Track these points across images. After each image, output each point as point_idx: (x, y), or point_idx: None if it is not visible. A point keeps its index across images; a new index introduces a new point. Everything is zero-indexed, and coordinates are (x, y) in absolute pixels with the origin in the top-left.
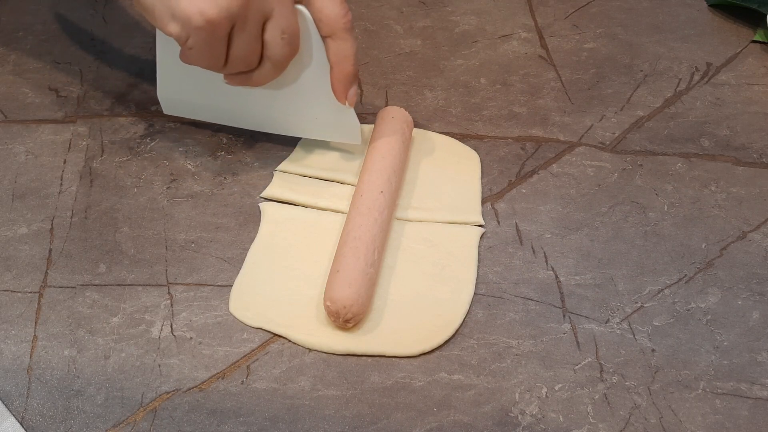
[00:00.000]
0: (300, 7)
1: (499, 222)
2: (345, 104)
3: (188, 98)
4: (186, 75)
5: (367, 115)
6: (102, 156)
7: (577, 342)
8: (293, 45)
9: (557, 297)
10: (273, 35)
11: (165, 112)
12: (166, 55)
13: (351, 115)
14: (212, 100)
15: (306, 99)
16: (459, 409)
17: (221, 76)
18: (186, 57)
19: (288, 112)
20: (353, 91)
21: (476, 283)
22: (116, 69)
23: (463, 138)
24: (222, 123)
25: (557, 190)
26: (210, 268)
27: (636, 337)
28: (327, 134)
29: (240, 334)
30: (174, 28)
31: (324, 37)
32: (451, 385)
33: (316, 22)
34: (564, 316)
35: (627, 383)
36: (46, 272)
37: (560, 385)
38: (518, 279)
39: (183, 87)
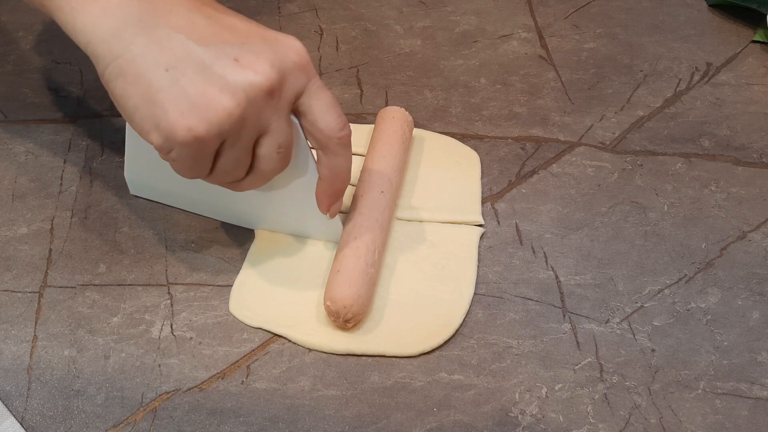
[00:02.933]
0: (293, 117)
1: (499, 222)
2: (326, 216)
3: (157, 185)
4: (156, 160)
5: (367, 115)
6: (102, 156)
7: (577, 342)
8: (287, 159)
9: (557, 297)
10: (268, 150)
11: (132, 192)
12: (136, 136)
13: (334, 221)
14: (183, 191)
15: (287, 201)
16: (459, 409)
17: None
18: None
19: (266, 211)
20: (338, 205)
21: (476, 283)
22: None
23: (463, 138)
24: (194, 212)
25: (557, 190)
26: (210, 268)
27: (636, 337)
28: (306, 233)
29: (240, 334)
30: (156, 138)
31: (317, 149)
32: (451, 385)
33: (310, 133)
34: (564, 316)
35: (627, 383)
36: (46, 272)
37: (560, 385)
38: (518, 279)
39: (152, 172)
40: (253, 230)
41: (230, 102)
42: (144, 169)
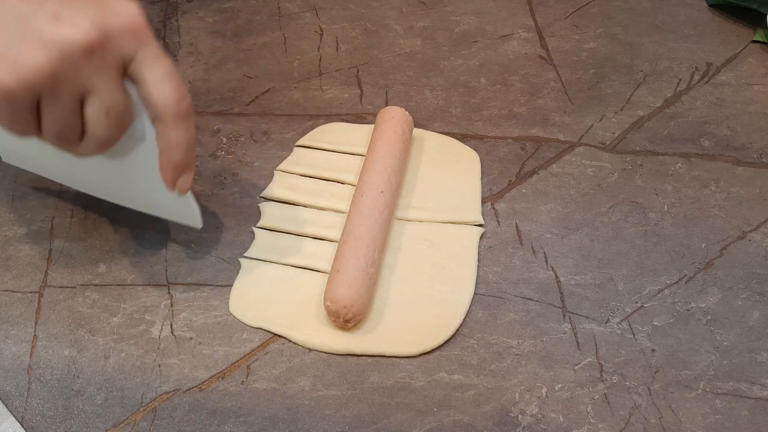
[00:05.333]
0: (129, 83)
1: (499, 222)
2: (174, 192)
3: (22, 150)
4: None
5: (367, 115)
6: None
7: (577, 342)
8: (121, 124)
9: (557, 297)
10: (95, 113)
11: (4, 160)
12: None
13: (187, 199)
14: (47, 158)
15: (139, 175)
16: (459, 409)
17: None
18: None
19: (122, 184)
20: (185, 179)
21: (476, 283)
22: None
23: (463, 138)
24: (63, 183)
25: (557, 190)
26: (210, 268)
27: (636, 337)
28: (164, 214)
29: (240, 334)
30: None
31: (153, 121)
32: (451, 385)
33: (146, 103)
34: (564, 316)
35: (627, 383)
36: (46, 272)
37: (560, 385)
38: (518, 279)
39: (11, 136)
40: (252, 231)
41: (41, 56)
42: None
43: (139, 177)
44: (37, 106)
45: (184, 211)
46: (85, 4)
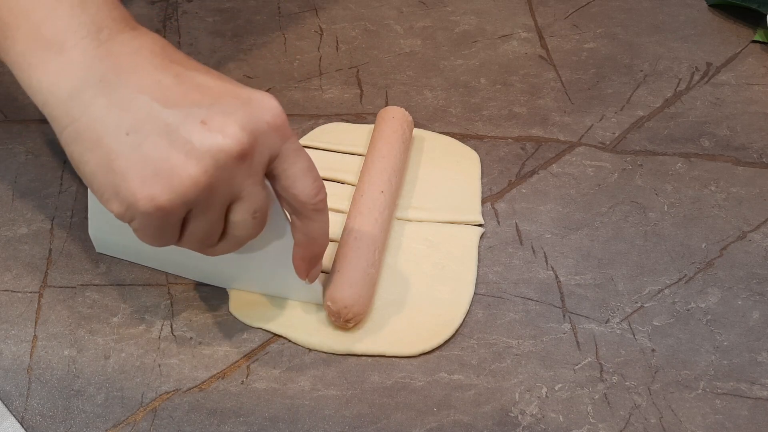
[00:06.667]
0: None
1: (499, 222)
2: (305, 281)
3: (124, 242)
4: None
5: (367, 115)
6: None
7: (577, 342)
8: (263, 223)
9: (557, 297)
10: (242, 217)
11: (98, 251)
12: None
13: (315, 285)
14: (153, 251)
15: (263, 265)
16: (459, 409)
17: None
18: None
19: (242, 273)
20: (317, 270)
21: (476, 283)
22: None
23: (463, 138)
24: (164, 270)
25: (557, 190)
26: None
27: (636, 337)
28: (286, 295)
29: (240, 334)
30: (117, 207)
31: (291, 214)
32: (451, 385)
33: (284, 198)
34: (564, 316)
35: (627, 383)
36: (46, 272)
37: (560, 385)
38: (518, 279)
39: (117, 230)
40: None
41: (196, 169)
42: (109, 226)
43: (265, 266)
44: (183, 220)
45: (308, 293)
46: (232, 106)
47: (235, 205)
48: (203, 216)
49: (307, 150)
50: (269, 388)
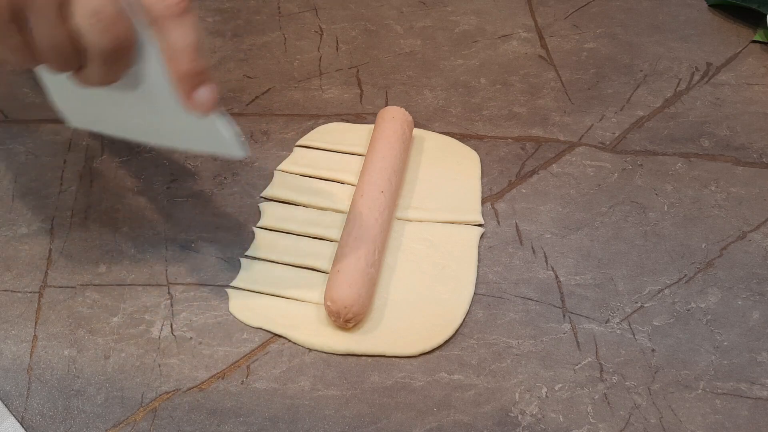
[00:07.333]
0: None
1: (499, 222)
2: (192, 110)
3: (75, 102)
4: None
5: (367, 115)
6: (102, 156)
7: (577, 342)
8: (113, 31)
9: (557, 297)
10: (80, 21)
11: (73, 125)
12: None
13: (215, 122)
14: (96, 107)
15: (163, 103)
16: (459, 409)
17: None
18: None
19: (155, 119)
20: (204, 93)
21: (476, 283)
22: None
23: (463, 138)
24: (114, 135)
25: (557, 190)
26: (210, 268)
27: (636, 337)
28: (204, 146)
29: (240, 334)
30: None
31: (152, 27)
32: (451, 385)
33: (143, 9)
34: (564, 316)
35: (627, 383)
36: (46, 272)
37: (560, 385)
38: (518, 279)
39: (76, 93)
40: (253, 230)
41: None
42: (70, 92)
43: (166, 107)
44: (20, 23)
45: (216, 137)
46: None
47: (70, 7)
48: (37, 17)
49: (307, 150)
50: (269, 388)
